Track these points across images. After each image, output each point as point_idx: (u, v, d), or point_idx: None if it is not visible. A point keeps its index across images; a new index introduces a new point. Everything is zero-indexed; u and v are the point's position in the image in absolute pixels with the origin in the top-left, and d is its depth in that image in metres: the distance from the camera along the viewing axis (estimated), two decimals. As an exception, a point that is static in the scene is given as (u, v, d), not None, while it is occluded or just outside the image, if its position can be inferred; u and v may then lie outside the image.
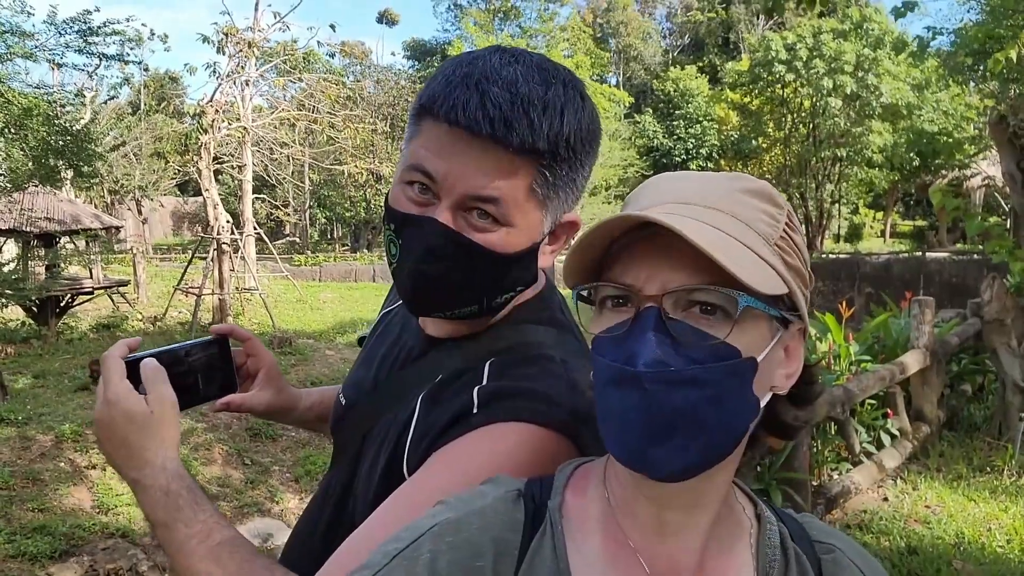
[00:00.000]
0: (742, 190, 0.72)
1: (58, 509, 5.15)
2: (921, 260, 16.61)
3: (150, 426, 0.95)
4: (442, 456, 0.88)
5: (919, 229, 33.81)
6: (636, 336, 0.66)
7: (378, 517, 0.86)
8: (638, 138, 40.09)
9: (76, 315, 13.60)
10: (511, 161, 0.87)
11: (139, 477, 0.94)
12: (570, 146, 0.90)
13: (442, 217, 0.89)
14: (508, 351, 0.98)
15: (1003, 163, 6.56)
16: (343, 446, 1.11)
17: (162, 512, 0.92)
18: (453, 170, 0.88)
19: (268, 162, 22.54)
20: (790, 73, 27.03)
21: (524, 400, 0.89)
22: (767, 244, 0.70)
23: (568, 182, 0.94)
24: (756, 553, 0.75)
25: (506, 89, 0.86)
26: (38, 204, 12.73)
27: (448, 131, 0.87)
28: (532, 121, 0.85)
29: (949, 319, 7.74)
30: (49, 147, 9.31)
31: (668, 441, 0.65)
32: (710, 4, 51.60)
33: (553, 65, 0.93)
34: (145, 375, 0.99)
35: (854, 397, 5.22)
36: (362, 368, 1.20)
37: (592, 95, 0.96)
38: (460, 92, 0.86)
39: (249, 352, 1.23)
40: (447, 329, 1.05)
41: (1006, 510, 4.96)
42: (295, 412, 1.31)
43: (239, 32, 15.18)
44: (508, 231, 0.91)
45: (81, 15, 9.71)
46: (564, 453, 0.87)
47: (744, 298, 0.65)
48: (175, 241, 37.27)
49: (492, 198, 0.88)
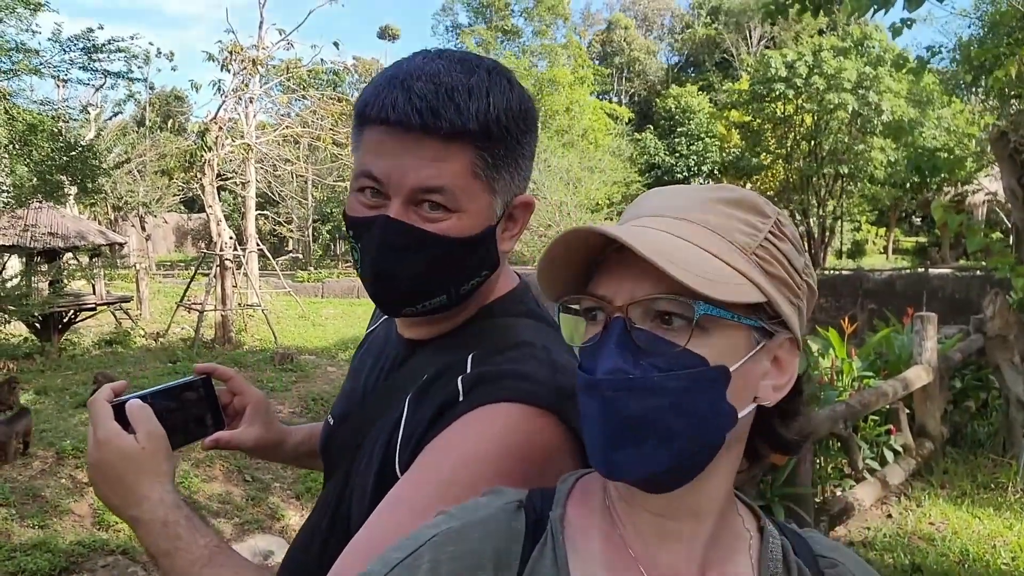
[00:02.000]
0: (719, 200, 0.73)
1: (58, 526, 5.13)
2: (924, 276, 16.60)
3: (142, 462, 0.96)
4: (433, 448, 0.89)
5: (921, 245, 33.83)
6: (603, 346, 0.68)
7: (376, 519, 0.87)
8: (640, 155, 40.23)
9: (79, 331, 13.62)
10: (446, 148, 0.90)
11: (137, 514, 0.95)
12: (502, 125, 0.92)
13: (393, 213, 0.92)
14: (489, 342, 0.99)
15: (1004, 179, 6.56)
16: (335, 461, 1.11)
17: (163, 542, 0.92)
18: (395, 168, 0.91)
19: (271, 179, 22.63)
20: (790, 90, 27.14)
21: (508, 381, 0.90)
22: (742, 253, 0.70)
23: (509, 162, 0.96)
24: (757, 565, 0.75)
25: (430, 81, 0.89)
26: (42, 220, 12.77)
27: (384, 132, 0.91)
28: (458, 105, 0.89)
29: (952, 335, 7.72)
30: (54, 163, 9.36)
31: (631, 447, 0.66)
32: (706, 22, 51.99)
33: (477, 57, 0.96)
34: (132, 414, 1.00)
35: (857, 413, 5.20)
36: (348, 385, 1.21)
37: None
38: (387, 93, 0.90)
39: (234, 390, 1.23)
40: (425, 330, 1.06)
41: (1011, 527, 4.92)
42: (285, 447, 1.30)
43: (243, 50, 15.29)
44: (460, 216, 0.93)
45: (85, 33, 9.79)
46: (552, 429, 0.88)
47: (701, 306, 0.65)
48: (178, 257, 37.36)
49: (436, 187, 0.91)
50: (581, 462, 0.89)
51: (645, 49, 54.64)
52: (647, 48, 55.00)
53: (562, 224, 24.31)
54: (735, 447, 0.73)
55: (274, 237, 32.15)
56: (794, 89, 27.11)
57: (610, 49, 54.49)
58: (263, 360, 11.53)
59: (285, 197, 28.34)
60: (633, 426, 0.66)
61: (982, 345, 6.72)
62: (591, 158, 29.62)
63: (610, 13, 58.53)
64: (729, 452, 0.72)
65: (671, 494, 0.70)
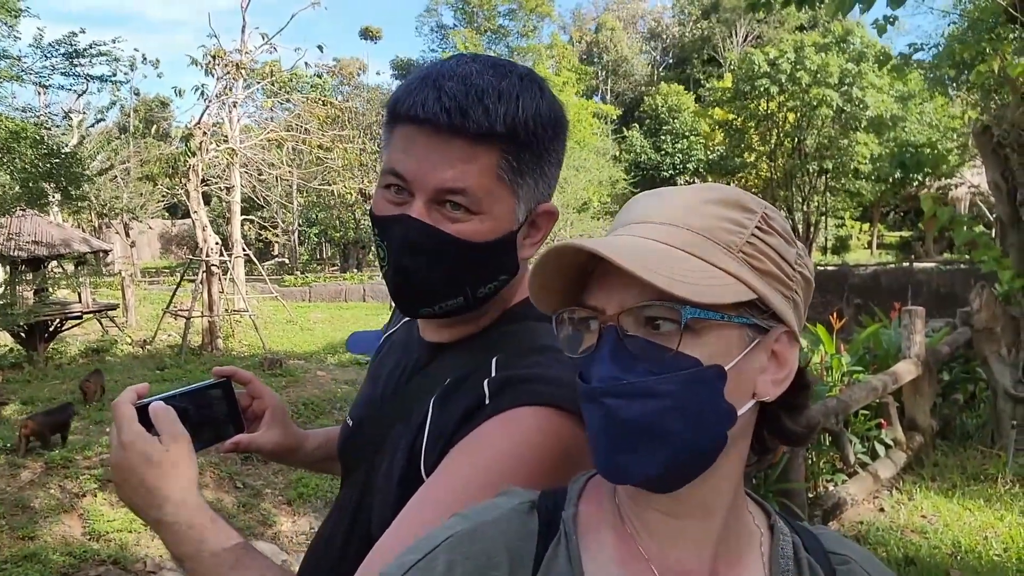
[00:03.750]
0: (703, 201, 0.73)
1: (48, 537, 5.08)
2: (909, 271, 16.74)
3: (166, 465, 0.96)
4: (460, 450, 0.89)
5: (906, 240, 34.05)
6: (598, 354, 0.69)
7: (404, 520, 0.87)
8: (626, 153, 40.32)
9: (65, 340, 13.51)
10: (472, 149, 0.91)
11: (160, 516, 0.94)
12: (530, 130, 0.93)
13: (415, 212, 0.93)
14: (513, 346, 0.99)
15: (988, 173, 6.62)
16: (354, 464, 1.11)
17: (188, 546, 0.92)
18: (421, 166, 0.92)
19: (256, 183, 22.52)
20: (774, 86, 27.27)
21: (535, 384, 0.91)
22: (728, 252, 0.70)
23: (534, 168, 0.96)
24: (768, 563, 0.76)
25: (461, 83, 0.90)
26: (25, 228, 12.67)
27: (412, 130, 0.92)
28: (487, 107, 0.90)
29: (939, 329, 7.78)
30: (37, 170, 9.28)
31: (633, 451, 0.67)
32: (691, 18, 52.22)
33: (510, 63, 0.97)
34: (156, 416, 0.99)
35: (848, 408, 5.23)
36: (368, 388, 1.21)
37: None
38: (419, 91, 0.91)
39: (253, 394, 1.23)
40: (448, 333, 1.06)
41: (1002, 518, 4.96)
42: (302, 452, 1.30)
43: (227, 54, 15.21)
44: (481, 219, 0.94)
45: (67, 37, 9.71)
46: (577, 432, 0.87)
47: (688, 310, 0.66)
48: (163, 264, 37.11)
49: (459, 189, 0.91)
50: None
51: (631, 49, 54.79)
52: (633, 47, 55.15)
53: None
54: (739, 444, 0.73)
55: (260, 242, 31.98)
56: (778, 85, 27.25)
57: (597, 49, 54.60)
58: (251, 366, 11.47)
59: (270, 201, 28.19)
60: (631, 430, 0.67)
61: (969, 338, 6.77)
62: (576, 157, 29.64)
63: (600, 12, 58.67)
64: (733, 449, 0.72)
65: (677, 492, 0.70)
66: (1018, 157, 6.10)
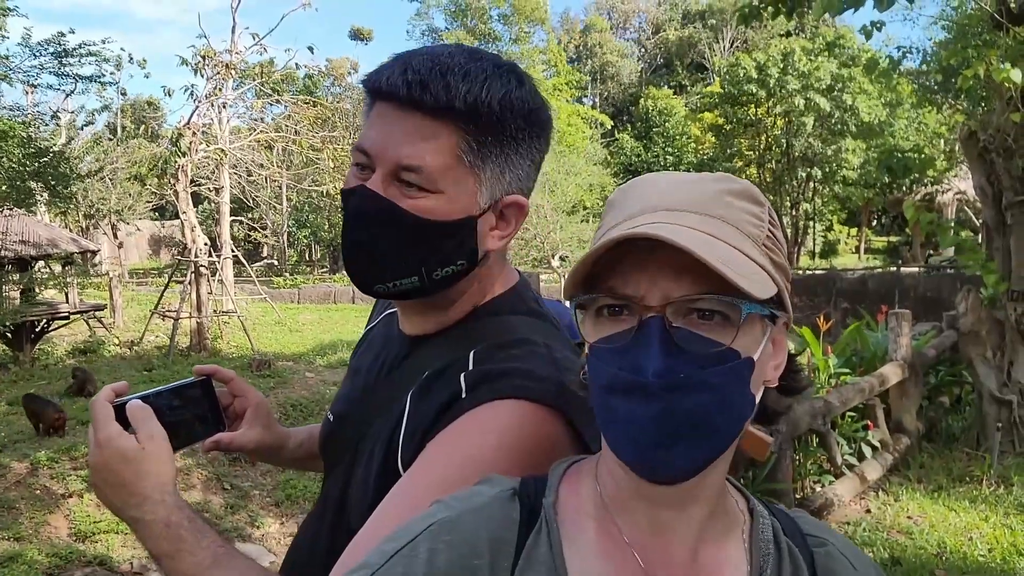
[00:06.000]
0: (729, 192, 0.73)
1: (34, 538, 5.05)
2: (896, 275, 16.84)
3: (143, 462, 0.95)
4: (437, 444, 0.89)
5: (893, 245, 34.27)
6: (642, 346, 0.66)
7: (380, 514, 0.87)
8: (615, 156, 40.42)
9: (52, 340, 13.41)
10: (432, 125, 0.90)
11: (138, 515, 0.94)
12: (494, 114, 0.91)
13: (373, 185, 0.93)
14: (491, 339, 0.99)
15: (974, 177, 6.68)
16: (336, 458, 1.11)
17: (166, 544, 0.92)
18: (381, 140, 0.92)
19: (246, 184, 22.45)
20: (762, 90, 27.39)
21: (512, 378, 0.90)
22: (756, 245, 0.71)
23: (499, 155, 0.95)
24: (749, 547, 0.77)
25: (428, 59, 0.91)
26: (12, 228, 12.58)
27: (381, 106, 0.93)
28: (448, 83, 0.89)
29: (926, 332, 7.84)
30: (24, 169, 9.22)
31: (676, 445, 0.66)
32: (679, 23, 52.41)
33: (493, 55, 0.97)
34: (132, 415, 0.99)
35: (835, 409, 5.26)
36: (348, 383, 1.20)
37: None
38: (387, 67, 0.92)
39: (234, 392, 1.22)
40: (424, 325, 1.06)
41: (986, 519, 5.01)
42: (286, 450, 1.29)
43: (217, 55, 15.16)
44: (438, 198, 0.93)
45: (55, 37, 9.66)
46: (555, 425, 0.89)
47: (747, 306, 0.66)
48: (151, 265, 36.92)
49: (415, 166, 0.91)
50: (581, 453, 0.89)
51: (619, 52, 54.94)
52: (621, 51, 55.30)
53: (539, 227, 24.32)
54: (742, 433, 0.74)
55: (249, 243, 31.89)
56: (766, 90, 27.37)
57: (585, 53, 54.73)
58: (240, 367, 11.41)
59: (260, 202, 28.11)
60: (685, 425, 0.66)
61: (955, 341, 6.82)
62: (567, 162, 29.69)
63: (586, 16, 58.81)
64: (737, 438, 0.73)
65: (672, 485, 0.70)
66: (1003, 162, 6.15)
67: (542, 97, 0.99)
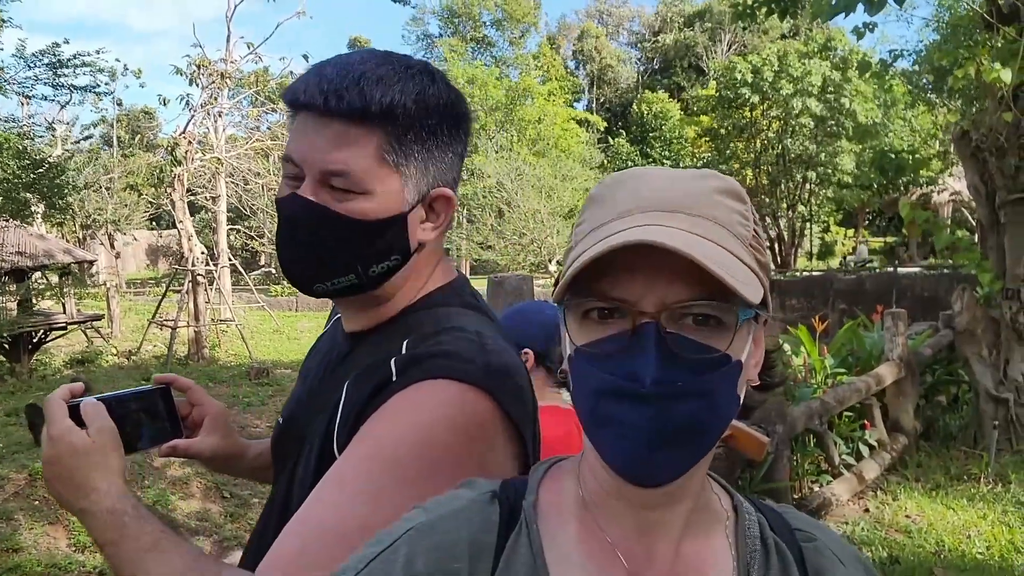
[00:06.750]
0: (717, 191, 0.72)
1: (33, 549, 5.04)
2: (893, 276, 16.86)
3: (93, 456, 0.97)
4: (369, 425, 0.92)
5: (890, 246, 34.30)
6: (637, 352, 0.65)
7: (316, 496, 0.90)
8: (611, 161, 40.48)
9: (49, 351, 13.40)
10: (350, 131, 0.95)
11: (86, 506, 0.95)
12: (410, 113, 0.96)
13: (304, 192, 0.97)
14: (423, 328, 1.03)
15: (968, 176, 6.70)
16: (283, 459, 1.13)
17: (110, 531, 0.93)
18: (306, 149, 0.96)
19: (243, 192, 22.45)
20: (756, 95, 27.44)
21: (439, 359, 0.94)
22: (744, 246, 0.70)
23: (420, 151, 0.99)
24: (735, 543, 0.76)
25: (340, 68, 0.95)
26: (9, 239, 12.57)
27: (302, 116, 0.97)
28: (362, 90, 0.93)
29: (922, 331, 7.85)
30: (20, 181, 9.23)
31: (667, 450, 0.66)
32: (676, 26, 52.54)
33: (405, 56, 1.02)
34: (85, 412, 1.01)
35: (831, 409, 5.27)
36: (298, 385, 1.24)
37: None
38: (303, 79, 0.97)
39: (193, 401, 1.24)
40: (363, 321, 1.10)
41: (984, 517, 5.01)
42: (244, 459, 1.30)
43: (212, 64, 15.18)
44: (367, 198, 0.97)
45: (50, 48, 9.68)
46: (483, 404, 0.92)
47: (744, 311, 0.66)
48: (149, 274, 36.87)
49: (340, 171, 0.95)
50: (510, 435, 0.95)
51: (616, 56, 55.08)
52: (618, 56, 55.44)
53: (535, 232, 24.35)
54: None
55: (246, 252, 31.84)
56: (760, 94, 27.42)
57: (582, 57, 54.85)
58: (238, 375, 11.42)
59: (256, 211, 28.08)
60: (679, 431, 0.65)
61: (951, 340, 6.84)
62: (563, 166, 29.75)
63: (581, 21, 58.92)
64: None
65: None
66: (996, 161, 6.18)
67: (457, 91, 1.04)
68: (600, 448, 0.69)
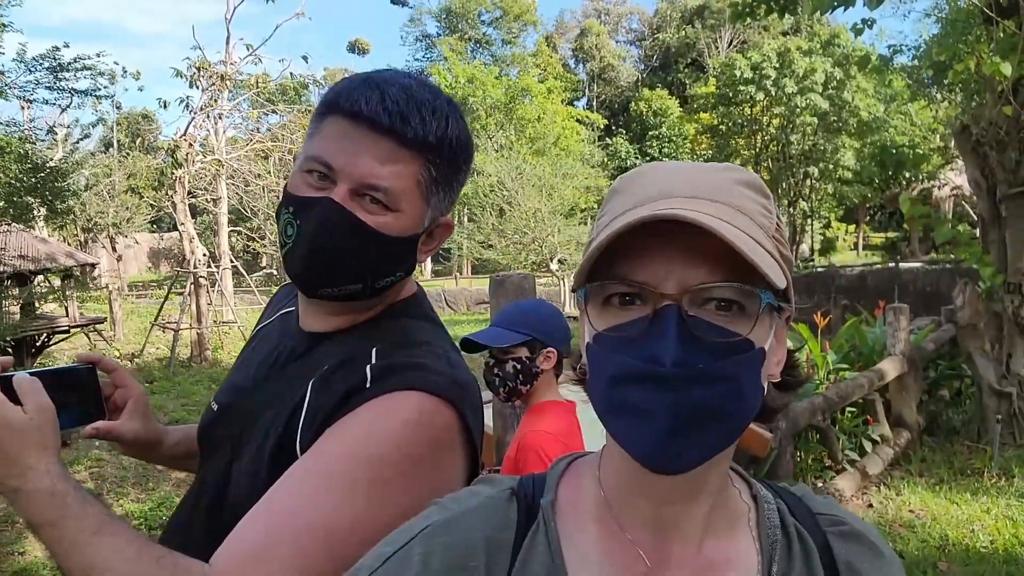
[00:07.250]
0: (739, 181, 0.71)
1: (39, 551, 5.04)
2: (895, 271, 16.86)
3: (29, 432, 0.94)
4: (339, 427, 0.96)
5: (891, 241, 34.29)
6: (658, 335, 0.64)
7: (278, 490, 0.92)
8: (611, 160, 40.47)
9: (52, 354, 13.41)
10: (400, 152, 1.00)
11: (20, 484, 0.92)
12: (452, 148, 1.04)
13: (337, 197, 1.00)
14: (392, 339, 1.08)
15: (968, 171, 6.70)
16: (217, 444, 1.13)
17: (49, 512, 0.91)
18: (351, 158, 0.99)
19: (243, 194, 22.46)
20: (759, 92, 27.43)
21: (415, 372, 1.00)
22: (767, 236, 0.69)
23: (447, 183, 1.07)
24: (758, 535, 0.75)
25: (403, 91, 1.00)
26: (11, 243, 12.59)
27: (348, 125, 0.99)
28: (424, 119, 1.00)
29: (924, 326, 7.85)
30: (22, 185, 9.24)
31: (690, 435, 0.64)
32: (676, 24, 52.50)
33: (438, 88, 1.08)
34: (20, 387, 0.98)
35: (834, 405, 5.28)
36: (237, 374, 1.24)
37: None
38: (363, 90, 0.99)
39: (117, 383, 1.22)
40: (330, 323, 1.13)
41: (988, 511, 5.01)
42: (162, 446, 1.29)
43: (211, 66, 15.19)
44: (396, 216, 1.03)
45: (51, 51, 9.69)
46: (448, 415, 0.99)
47: (767, 295, 0.65)
48: (151, 277, 36.91)
49: (383, 187, 1.00)
50: (467, 444, 1.02)
51: (616, 55, 55.05)
52: (617, 54, 55.41)
53: (536, 230, 24.34)
54: None
55: (248, 253, 31.84)
56: (762, 91, 27.41)
57: (582, 56, 54.83)
58: (241, 377, 11.40)
59: (257, 212, 28.09)
60: (701, 415, 0.64)
61: (954, 334, 6.84)
62: (563, 165, 29.73)
63: (582, 20, 58.86)
64: None
65: (678, 477, 0.67)
66: (997, 155, 6.17)
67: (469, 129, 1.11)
68: (619, 436, 0.67)
